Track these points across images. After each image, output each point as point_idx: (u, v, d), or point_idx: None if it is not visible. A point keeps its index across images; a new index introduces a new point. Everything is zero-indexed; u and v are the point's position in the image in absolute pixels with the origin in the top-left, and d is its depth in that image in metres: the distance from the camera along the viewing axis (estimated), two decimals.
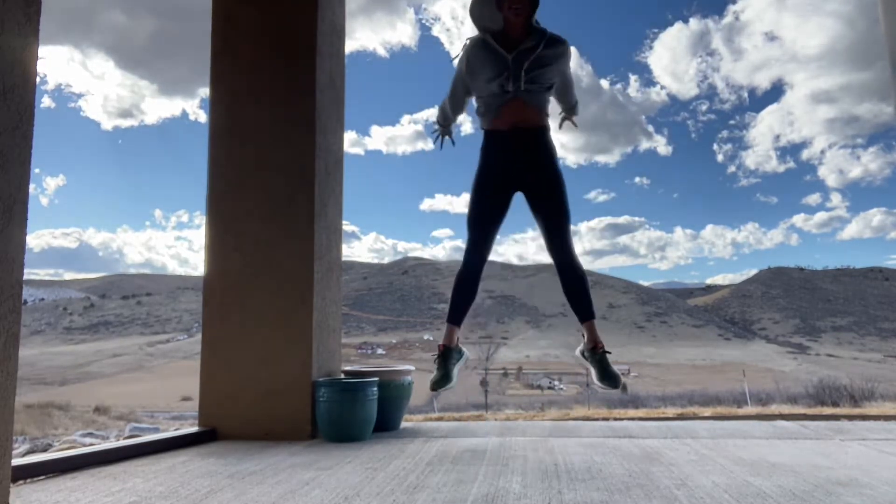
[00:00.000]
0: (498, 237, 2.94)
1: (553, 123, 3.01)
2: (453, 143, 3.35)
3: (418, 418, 7.63)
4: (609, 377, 2.69)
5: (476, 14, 2.92)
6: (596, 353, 2.76)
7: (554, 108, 3.09)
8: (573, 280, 2.79)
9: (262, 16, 3.29)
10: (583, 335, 2.84)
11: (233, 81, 3.28)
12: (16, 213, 1.58)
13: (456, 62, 3.01)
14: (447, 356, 2.79)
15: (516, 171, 2.82)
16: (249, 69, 3.26)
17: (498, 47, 2.81)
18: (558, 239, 2.80)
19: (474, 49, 2.88)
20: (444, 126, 3.28)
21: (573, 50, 3.04)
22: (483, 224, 2.84)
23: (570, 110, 3.20)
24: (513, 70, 2.78)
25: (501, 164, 2.84)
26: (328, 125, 3.32)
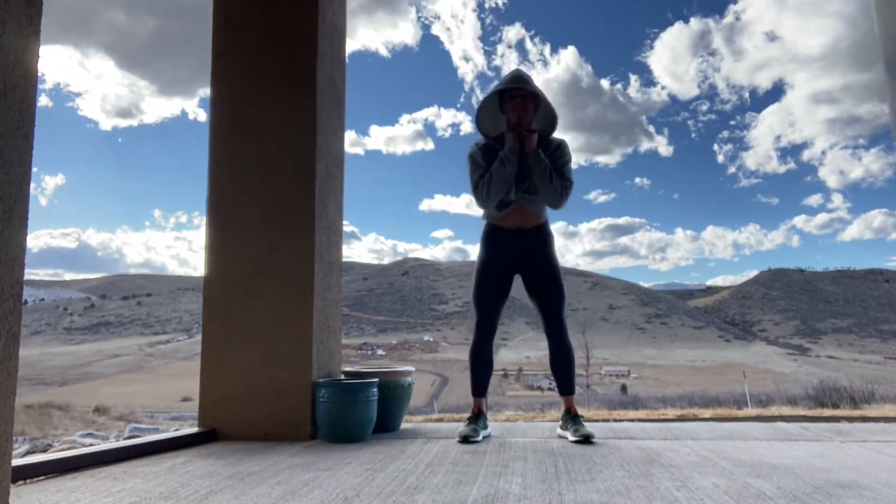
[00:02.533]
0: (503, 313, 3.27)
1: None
2: (512, 201, 3.11)
3: (418, 419, 7.63)
4: (583, 434, 2.84)
5: (481, 121, 3.18)
6: (569, 416, 2.99)
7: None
8: (562, 357, 3.08)
9: (262, 16, 3.29)
10: (560, 408, 3.11)
11: (233, 82, 3.28)
12: (16, 213, 1.58)
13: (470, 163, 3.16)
14: (478, 417, 3.05)
15: (516, 260, 3.12)
16: (250, 70, 3.26)
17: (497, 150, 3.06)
18: (554, 320, 3.08)
19: (483, 155, 3.10)
20: (505, 203, 3.10)
21: (567, 145, 3.18)
22: (488, 304, 3.14)
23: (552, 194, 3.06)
24: (514, 182, 3.03)
25: (503, 257, 3.13)
26: (329, 126, 3.32)
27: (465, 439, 2.85)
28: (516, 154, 3.01)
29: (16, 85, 1.59)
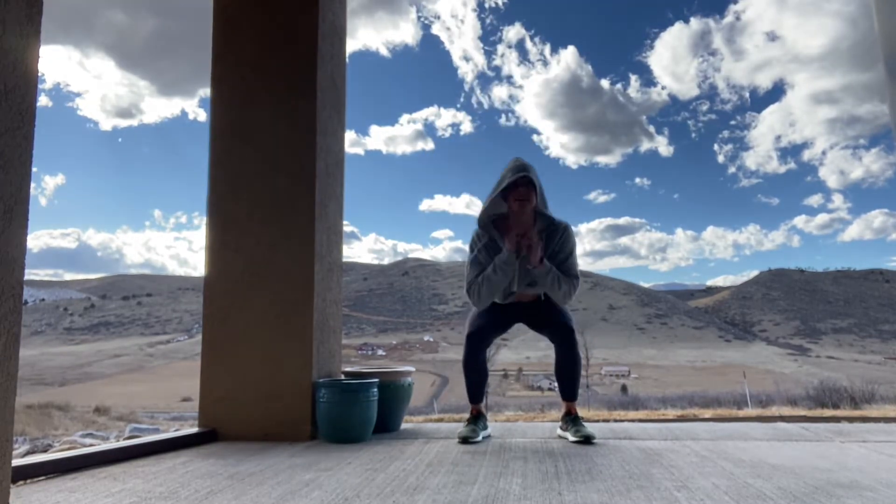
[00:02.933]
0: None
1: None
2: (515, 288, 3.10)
3: (418, 419, 7.63)
4: (583, 435, 2.84)
5: (484, 218, 3.07)
6: (570, 418, 2.99)
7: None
8: (569, 363, 3.04)
9: (262, 17, 3.29)
10: (561, 409, 3.10)
11: (234, 82, 3.28)
12: (17, 213, 1.58)
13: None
14: (478, 418, 3.05)
15: (520, 316, 3.13)
16: (250, 70, 3.26)
17: (498, 240, 3.02)
18: (569, 349, 3.01)
19: (486, 252, 3.04)
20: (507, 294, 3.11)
21: (572, 231, 3.12)
22: (482, 342, 3.08)
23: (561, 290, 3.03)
24: (518, 273, 3.01)
25: (506, 312, 3.11)
26: (329, 126, 3.33)
27: (465, 440, 2.84)
28: (513, 266, 2.96)
29: (16, 85, 1.59)
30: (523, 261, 2.98)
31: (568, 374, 3.03)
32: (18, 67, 1.60)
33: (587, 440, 2.80)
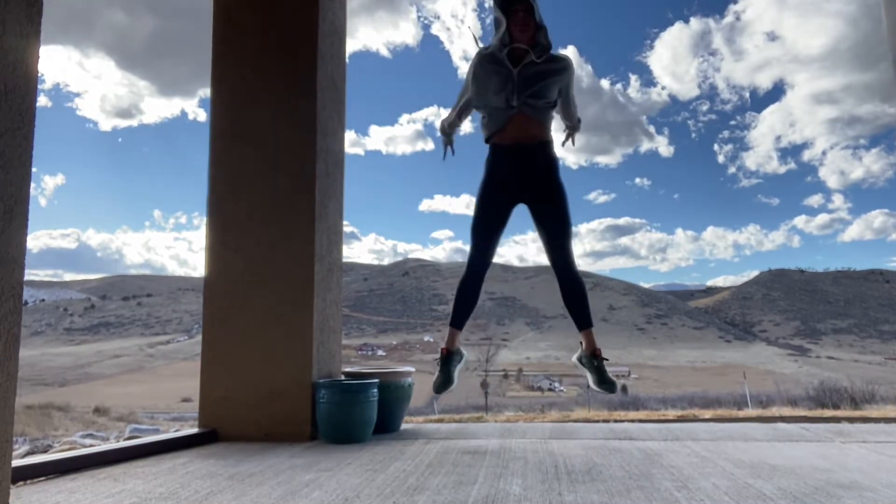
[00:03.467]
0: (500, 244, 3.03)
1: (557, 138, 3.13)
2: (454, 152, 3.44)
3: (418, 420, 7.62)
4: (605, 382, 2.79)
5: (495, 22, 3.00)
6: (594, 360, 2.85)
7: (557, 123, 3.18)
8: (573, 289, 2.90)
9: (262, 17, 3.29)
10: (581, 343, 2.93)
11: (234, 83, 3.28)
12: (17, 213, 1.58)
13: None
14: (449, 359, 2.91)
15: (518, 186, 2.92)
16: (250, 71, 3.26)
17: (505, 60, 2.89)
18: (559, 249, 2.89)
19: (482, 61, 2.97)
20: (449, 134, 3.38)
21: (573, 64, 3.08)
22: (485, 233, 2.94)
23: (572, 127, 3.27)
24: (517, 84, 2.88)
25: (504, 179, 2.94)
26: (329, 126, 3.33)
27: (441, 388, 2.81)
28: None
29: (16, 85, 1.59)
30: (525, 68, 2.87)
31: (575, 300, 2.89)
32: (18, 68, 1.60)
33: (610, 389, 2.75)
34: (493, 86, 2.92)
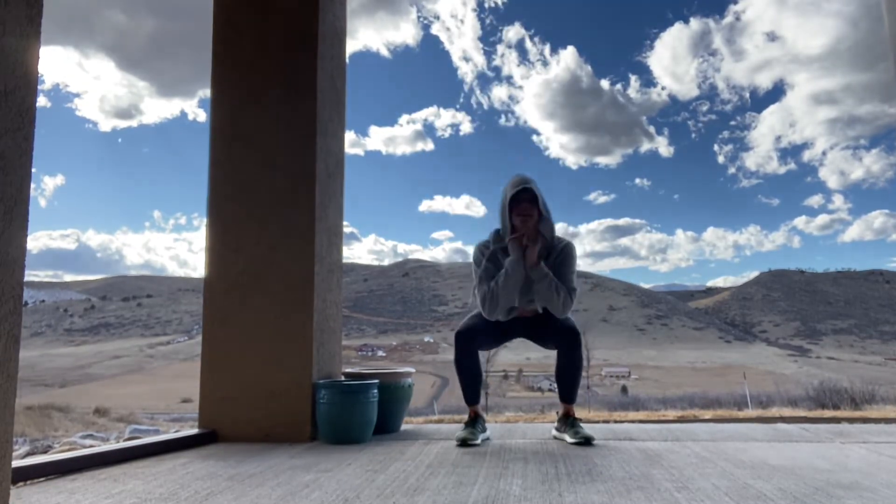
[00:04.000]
0: None
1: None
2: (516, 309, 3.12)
3: (418, 420, 7.62)
4: (581, 435, 2.83)
5: (500, 216, 3.04)
6: (569, 419, 2.95)
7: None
8: (572, 368, 3.00)
9: (262, 18, 3.29)
10: (557, 412, 3.07)
11: (234, 84, 3.28)
12: (17, 214, 1.58)
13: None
14: (475, 422, 2.98)
15: (520, 330, 3.09)
16: (250, 71, 3.27)
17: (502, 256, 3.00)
18: (572, 352, 2.98)
19: (490, 259, 3.03)
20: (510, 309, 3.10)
21: (573, 249, 3.09)
22: (470, 342, 3.02)
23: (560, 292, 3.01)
24: (520, 288, 2.97)
25: (507, 325, 3.06)
26: (329, 127, 3.33)
27: (464, 442, 2.79)
28: (521, 263, 2.95)
29: (16, 86, 1.59)
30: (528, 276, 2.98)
31: (570, 376, 3.00)
32: (19, 69, 1.60)
33: (587, 441, 2.79)
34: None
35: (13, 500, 1.81)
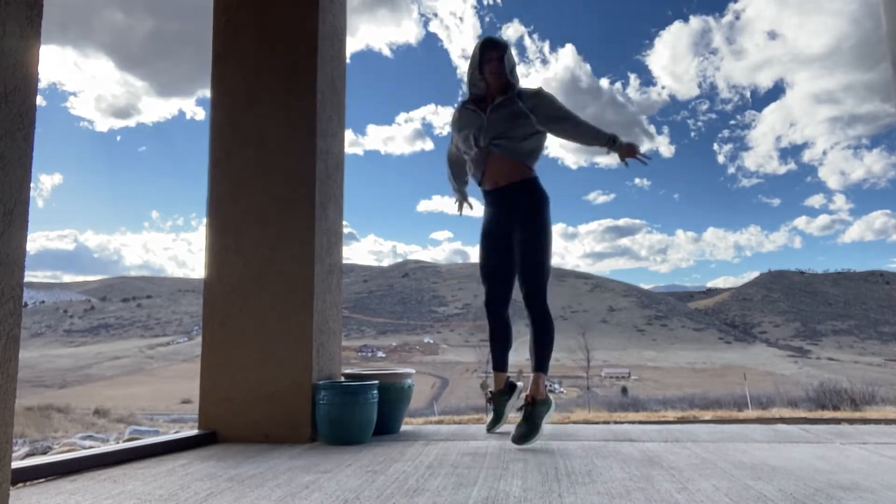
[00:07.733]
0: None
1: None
2: (471, 206, 3.52)
3: (418, 421, 7.63)
4: (518, 435, 2.73)
5: (468, 79, 3.21)
6: (528, 406, 2.87)
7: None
8: (539, 334, 2.97)
9: (262, 18, 3.29)
10: (525, 384, 3.04)
11: (233, 84, 3.28)
12: (16, 215, 1.58)
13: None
14: (496, 400, 3.12)
15: (505, 226, 3.08)
16: (250, 71, 3.27)
17: (475, 107, 3.11)
18: (532, 297, 2.97)
19: (459, 111, 3.21)
20: (458, 190, 3.52)
21: (544, 91, 3.09)
22: (488, 275, 3.14)
23: (609, 143, 3.06)
24: (486, 126, 3.03)
25: (492, 221, 3.14)
26: (328, 128, 3.33)
27: (490, 427, 3.03)
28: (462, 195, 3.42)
29: (16, 87, 1.59)
30: (494, 111, 3.03)
31: (538, 344, 2.96)
32: (19, 69, 1.60)
33: (520, 440, 2.70)
34: (467, 131, 3.10)
35: (13, 500, 1.80)
